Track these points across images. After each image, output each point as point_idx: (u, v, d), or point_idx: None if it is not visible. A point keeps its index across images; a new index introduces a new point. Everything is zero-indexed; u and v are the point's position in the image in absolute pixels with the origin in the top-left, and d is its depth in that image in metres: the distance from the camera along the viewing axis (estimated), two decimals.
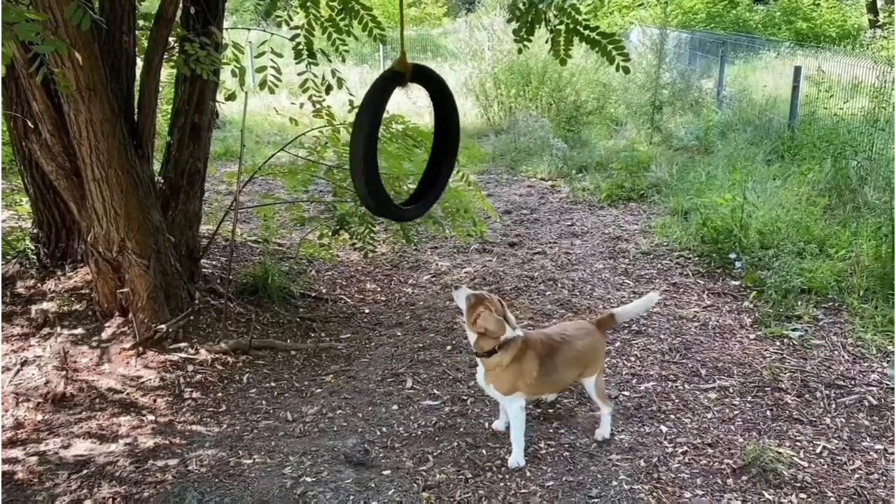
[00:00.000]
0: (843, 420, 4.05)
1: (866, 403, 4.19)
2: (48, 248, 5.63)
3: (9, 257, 5.80)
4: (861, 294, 5.47)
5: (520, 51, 4.56)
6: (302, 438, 4.02)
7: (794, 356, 4.79)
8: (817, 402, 4.24)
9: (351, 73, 20.65)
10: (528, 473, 3.64)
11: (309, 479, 3.60)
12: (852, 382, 4.42)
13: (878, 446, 3.80)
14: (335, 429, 4.11)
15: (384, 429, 4.10)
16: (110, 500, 3.43)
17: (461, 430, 4.06)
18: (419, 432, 4.06)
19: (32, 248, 5.66)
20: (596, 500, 3.42)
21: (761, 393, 4.34)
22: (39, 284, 5.47)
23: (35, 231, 5.71)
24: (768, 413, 4.14)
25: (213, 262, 6.30)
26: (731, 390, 4.39)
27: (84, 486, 3.53)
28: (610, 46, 4.12)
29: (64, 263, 5.56)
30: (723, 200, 6.86)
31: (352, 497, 3.47)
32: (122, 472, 3.65)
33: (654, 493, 3.45)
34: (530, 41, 4.43)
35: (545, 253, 7.06)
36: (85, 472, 3.65)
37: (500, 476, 3.63)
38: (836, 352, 4.83)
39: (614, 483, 3.53)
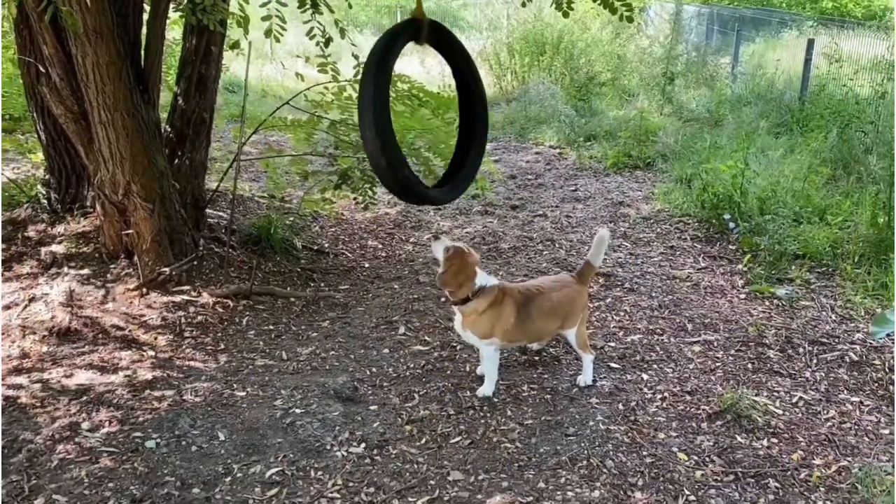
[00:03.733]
0: (823, 374, 4.13)
1: (847, 360, 4.27)
2: (59, 194, 5.79)
3: (22, 202, 5.99)
4: (856, 260, 5.52)
5: (524, 4, 4.61)
6: (294, 375, 4.16)
7: (782, 315, 4.86)
8: (799, 357, 4.32)
9: (368, 42, 20.67)
10: (509, 412, 3.76)
11: (298, 411, 3.75)
12: (836, 340, 4.50)
13: (854, 398, 3.88)
14: (327, 368, 4.25)
15: (374, 369, 4.23)
16: (106, 422, 3.59)
17: (448, 372, 4.19)
18: (407, 374, 4.19)
19: (44, 192, 5.82)
20: (572, 437, 3.53)
21: (745, 347, 4.43)
22: (49, 228, 5.63)
23: (46, 177, 5.87)
24: (749, 366, 4.23)
25: (220, 213, 6.43)
26: (715, 344, 4.48)
27: (83, 411, 3.69)
28: None
29: (73, 209, 5.72)
30: (725, 168, 6.89)
31: (338, 427, 3.61)
32: (119, 400, 3.81)
33: (630, 434, 3.56)
34: None
35: (546, 216, 7.14)
36: (84, 398, 3.81)
37: (482, 414, 3.75)
38: (823, 312, 4.90)
39: (591, 423, 3.65)
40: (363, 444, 3.48)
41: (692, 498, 3.10)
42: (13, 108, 8.18)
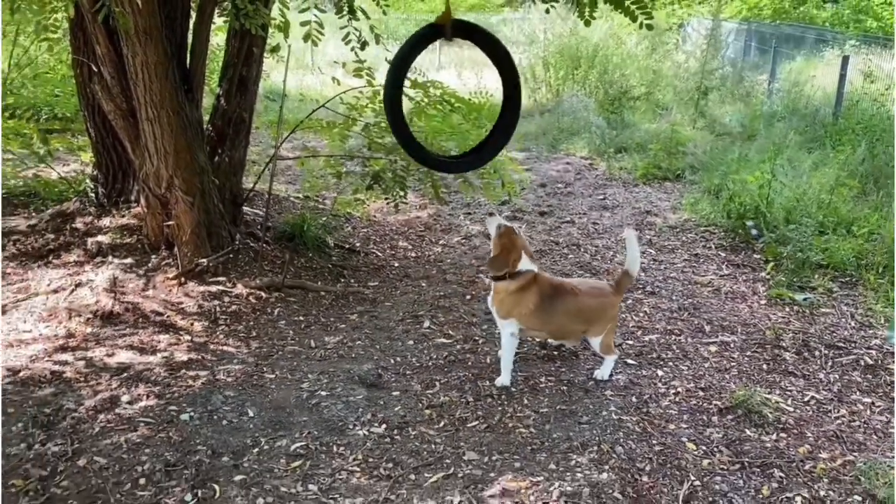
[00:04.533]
0: (837, 376, 4.20)
1: (862, 363, 4.33)
2: (106, 189, 6.09)
3: (71, 197, 6.33)
4: (880, 271, 5.56)
5: (547, 11, 4.79)
6: (322, 362, 4.35)
7: (801, 320, 4.93)
8: (815, 359, 4.39)
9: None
10: (526, 401, 3.90)
11: (323, 393, 3.94)
12: (853, 345, 4.56)
13: (866, 399, 3.95)
14: (353, 356, 4.44)
15: (398, 358, 4.41)
16: (145, 396, 3.82)
17: (469, 363, 4.35)
18: (430, 364, 4.35)
19: (92, 187, 6.13)
20: (585, 425, 3.66)
21: (761, 349, 4.51)
22: (96, 220, 5.93)
23: (94, 173, 6.18)
24: (764, 366, 4.31)
25: (256, 211, 6.68)
26: (731, 345, 4.57)
27: (123, 386, 3.93)
28: (633, 7, 4.34)
29: (119, 202, 6.01)
30: (753, 178, 6.96)
31: (360, 409, 3.78)
32: (157, 378, 4.04)
33: (641, 424, 3.68)
34: (557, 1, 4.69)
35: (573, 222, 7.27)
36: (125, 375, 4.05)
37: (499, 402, 3.90)
38: (843, 319, 4.95)
39: (604, 413, 3.77)
40: (384, 425, 3.65)
41: (697, 483, 3.20)
42: (66, 108, 8.60)
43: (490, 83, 14.74)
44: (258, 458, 3.34)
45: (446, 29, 3.26)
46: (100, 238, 5.63)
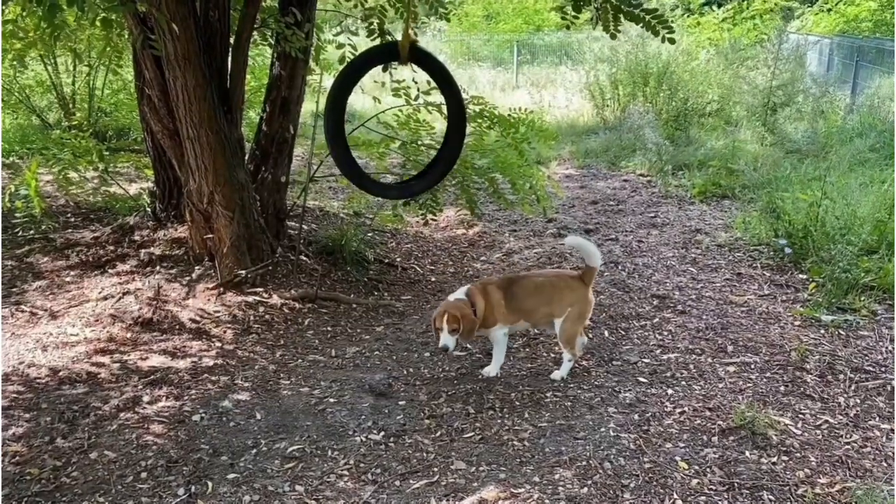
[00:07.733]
0: (858, 401, 4.03)
1: (889, 388, 4.14)
2: (163, 204, 6.50)
3: (133, 212, 6.78)
4: None
5: (568, 27, 4.84)
6: (338, 370, 4.51)
7: (834, 342, 4.74)
8: (838, 383, 4.22)
9: (485, 74, 21.29)
10: (527, 414, 3.93)
11: (332, 400, 4.08)
12: (883, 369, 4.35)
13: (884, 426, 3.78)
14: (368, 365, 4.58)
15: (411, 370, 4.52)
16: (164, 398, 4.06)
17: (479, 377, 4.40)
18: (441, 376, 4.44)
19: (149, 202, 6.54)
20: (580, 441, 3.66)
21: (781, 370, 4.38)
22: (152, 234, 6.33)
23: (153, 189, 6.60)
24: (782, 388, 4.18)
25: (303, 226, 6.94)
26: (752, 366, 4.45)
27: (147, 387, 4.19)
28: (654, 21, 4.37)
29: (173, 216, 6.39)
30: (805, 196, 6.73)
31: (363, 416, 3.91)
32: (179, 381, 4.28)
33: (637, 442, 3.65)
34: (577, 18, 4.73)
35: (617, 240, 7.20)
36: (151, 378, 4.31)
37: (500, 415, 3.94)
38: (880, 342, 4.73)
39: (602, 430, 3.76)
40: (382, 433, 3.76)
41: (679, 502, 3.16)
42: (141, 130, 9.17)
43: (559, 101, 14.81)
44: (254, 459, 3.51)
45: (403, 53, 3.59)
46: (151, 249, 6.01)
